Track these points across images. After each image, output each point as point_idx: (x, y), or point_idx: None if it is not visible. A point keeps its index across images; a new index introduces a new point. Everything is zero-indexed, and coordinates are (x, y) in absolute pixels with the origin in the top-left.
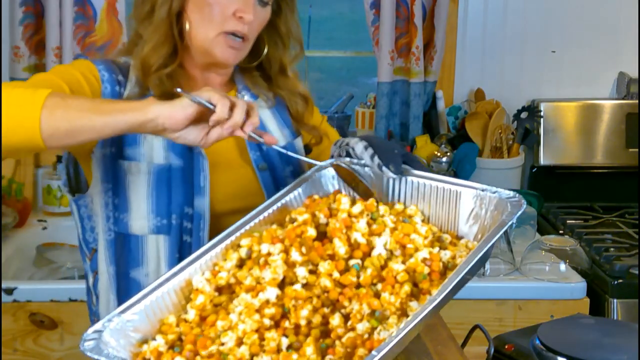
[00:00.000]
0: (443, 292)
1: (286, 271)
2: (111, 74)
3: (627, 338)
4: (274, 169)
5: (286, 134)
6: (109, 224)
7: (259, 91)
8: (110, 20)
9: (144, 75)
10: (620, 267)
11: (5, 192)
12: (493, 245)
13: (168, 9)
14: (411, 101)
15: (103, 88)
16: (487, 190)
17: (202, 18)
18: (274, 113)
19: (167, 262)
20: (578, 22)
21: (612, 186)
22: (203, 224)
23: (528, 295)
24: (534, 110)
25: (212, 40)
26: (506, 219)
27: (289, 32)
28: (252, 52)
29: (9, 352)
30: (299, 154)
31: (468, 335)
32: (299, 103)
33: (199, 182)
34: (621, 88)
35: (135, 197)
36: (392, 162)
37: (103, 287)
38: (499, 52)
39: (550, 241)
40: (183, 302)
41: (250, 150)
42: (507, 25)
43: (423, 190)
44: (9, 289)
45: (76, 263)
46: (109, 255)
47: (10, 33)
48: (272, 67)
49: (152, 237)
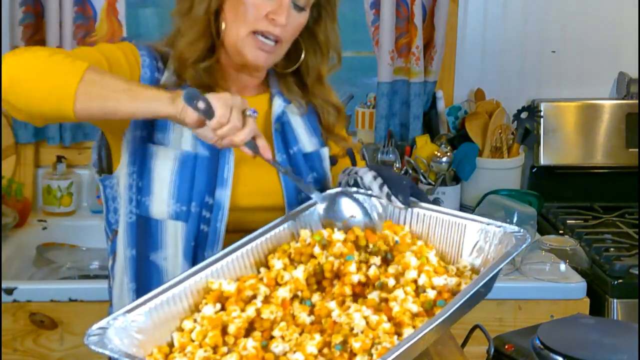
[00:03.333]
0: (442, 315)
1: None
2: (152, 60)
3: (627, 338)
4: (298, 174)
5: (314, 142)
6: (130, 207)
7: (293, 97)
8: (110, 20)
9: (180, 67)
10: (620, 267)
11: (5, 192)
12: (497, 274)
13: (206, 6)
14: (411, 101)
15: (143, 73)
16: (492, 224)
17: (236, 17)
18: (305, 120)
19: (182, 249)
20: (578, 22)
21: (612, 186)
22: (221, 215)
23: (528, 295)
24: (534, 110)
25: (243, 40)
26: (511, 250)
27: (327, 40)
28: (290, 58)
29: (9, 352)
30: (324, 163)
31: (468, 335)
32: (331, 113)
33: (223, 173)
34: (621, 88)
35: (158, 182)
36: (400, 192)
37: (119, 269)
38: (499, 52)
39: (550, 241)
40: (187, 308)
41: (277, 153)
42: (507, 25)
43: (428, 221)
44: (9, 289)
45: (76, 263)
46: (129, 237)
47: (10, 33)
48: (309, 75)
49: (171, 222)
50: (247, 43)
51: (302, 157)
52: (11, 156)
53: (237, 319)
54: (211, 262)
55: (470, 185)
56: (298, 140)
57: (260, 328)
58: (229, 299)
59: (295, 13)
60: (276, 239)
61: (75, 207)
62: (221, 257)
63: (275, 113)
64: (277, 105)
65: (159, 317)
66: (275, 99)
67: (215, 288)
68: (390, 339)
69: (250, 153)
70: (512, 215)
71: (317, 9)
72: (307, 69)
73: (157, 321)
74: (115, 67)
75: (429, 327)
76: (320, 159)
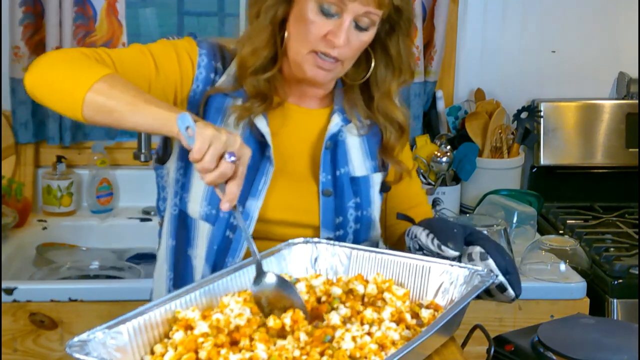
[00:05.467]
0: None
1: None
2: (210, 60)
3: (627, 338)
4: (340, 197)
5: (367, 167)
6: (175, 200)
7: (354, 115)
8: (110, 20)
9: (240, 73)
10: (620, 267)
11: (5, 192)
12: (465, 307)
13: (272, 16)
14: (411, 101)
15: (198, 73)
16: (455, 265)
17: (298, 33)
18: (363, 142)
19: (206, 251)
20: (578, 22)
21: (612, 186)
22: (248, 225)
23: (528, 295)
24: (534, 110)
25: (304, 57)
26: (479, 284)
27: (399, 55)
28: (361, 68)
29: (9, 352)
30: (372, 189)
31: (468, 335)
32: (393, 133)
33: (258, 184)
34: (621, 88)
35: (196, 181)
36: (450, 240)
37: (161, 255)
38: (499, 52)
39: (550, 241)
40: (163, 333)
41: (322, 172)
42: (507, 25)
43: (392, 266)
44: (9, 289)
45: (76, 263)
46: (171, 228)
47: (10, 33)
48: (378, 88)
49: (202, 222)
50: (307, 60)
51: (348, 180)
52: (11, 156)
53: (206, 342)
54: (192, 289)
55: (470, 185)
56: (348, 162)
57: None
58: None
59: (357, 32)
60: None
61: (75, 207)
62: (197, 287)
63: (330, 131)
64: (334, 124)
65: (136, 338)
66: (334, 117)
67: (182, 317)
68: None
69: (221, 195)
70: (512, 215)
71: (390, 23)
72: (376, 82)
73: (134, 342)
74: (165, 68)
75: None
76: (368, 185)
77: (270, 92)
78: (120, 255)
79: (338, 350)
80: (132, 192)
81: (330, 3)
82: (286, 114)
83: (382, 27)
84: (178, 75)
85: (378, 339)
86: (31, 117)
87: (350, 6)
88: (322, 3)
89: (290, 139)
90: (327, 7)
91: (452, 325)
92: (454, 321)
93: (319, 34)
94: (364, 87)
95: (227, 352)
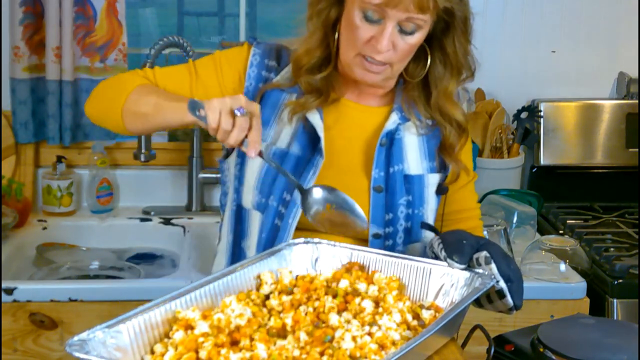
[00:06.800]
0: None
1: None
2: (264, 59)
3: (627, 338)
4: (391, 194)
5: (424, 166)
6: (234, 196)
7: (413, 114)
8: (110, 20)
9: (295, 71)
10: (620, 267)
11: (5, 192)
12: (465, 309)
13: (324, 18)
14: None
15: (250, 71)
16: (456, 267)
17: (347, 36)
18: (421, 141)
19: (257, 239)
20: (578, 22)
21: (612, 186)
22: (294, 213)
23: (528, 295)
24: (534, 110)
25: (352, 60)
26: (480, 286)
27: (455, 54)
28: (420, 65)
29: (9, 352)
30: (426, 189)
31: (468, 335)
32: (452, 132)
33: (307, 176)
34: (621, 88)
35: (249, 171)
36: (456, 253)
37: (221, 249)
38: (499, 52)
39: (550, 241)
40: (163, 333)
41: (375, 168)
42: (506, 25)
43: (393, 267)
44: (9, 289)
45: (76, 263)
46: (230, 224)
47: (10, 33)
48: (436, 86)
49: (254, 212)
50: (355, 63)
51: (401, 177)
52: (11, 156)
53: (206, 342)
54: (193, 288)
55: None
56: (404, 160)
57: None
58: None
59: (402, 36)
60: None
61: (75, 207)
62: (199, 286)
63: (386, 128)
64: (391, 121)
65: (136, 338)
66: (392, 115)
67: (182, 317)
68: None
69: (246, 150)
70: (512, 215)
71: (444, 21)
72: (434, 79)
73: (134, 342)
74: (203, 78)
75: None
76: (422, 185)
77: (326, 88)
78: (120, 255)
79: (338, 350)
80: (132, 192)
81: (372, 10)
82: (341, 110)
83: (437, 25)
84: (214, 80)
85: (378, 339)
86: (31, 117)
87: (391, 13)
88: (366, 10)
89: (343, 134)
90: (370, 13)
91: (452, 326)
92: (454, 322)
93: (363, 39)
94: (424, 85)
95: (227, 352)
